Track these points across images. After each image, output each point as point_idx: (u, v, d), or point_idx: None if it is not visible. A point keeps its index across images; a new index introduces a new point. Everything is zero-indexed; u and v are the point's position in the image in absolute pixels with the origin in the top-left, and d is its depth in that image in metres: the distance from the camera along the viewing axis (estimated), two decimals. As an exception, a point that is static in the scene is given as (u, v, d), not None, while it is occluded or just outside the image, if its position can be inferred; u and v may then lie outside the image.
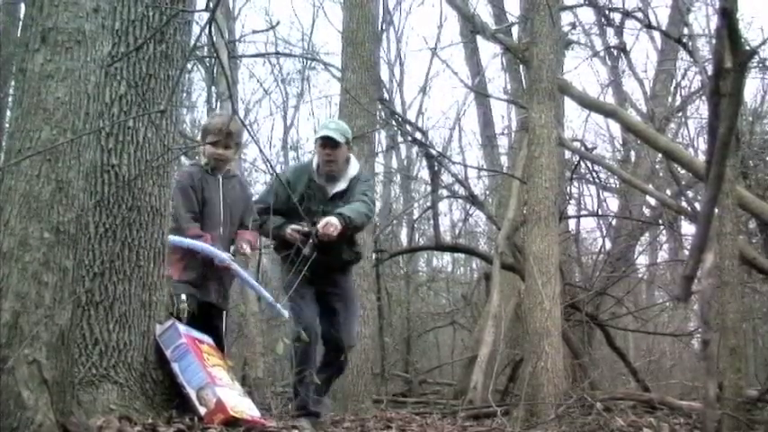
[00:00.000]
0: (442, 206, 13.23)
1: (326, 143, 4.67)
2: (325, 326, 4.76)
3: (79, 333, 3.29)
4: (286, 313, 4.69)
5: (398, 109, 13.32)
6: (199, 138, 4.39)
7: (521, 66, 10.14)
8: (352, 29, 7.51)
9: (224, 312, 4.61)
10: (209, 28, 2.80)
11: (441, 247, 10.70)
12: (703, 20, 11.57)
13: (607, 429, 4.47)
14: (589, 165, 9.76)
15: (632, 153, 11.80)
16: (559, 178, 7.31)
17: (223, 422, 3.36)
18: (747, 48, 1.44)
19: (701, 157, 7.40)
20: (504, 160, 12.74)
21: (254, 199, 4.90)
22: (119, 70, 3.62)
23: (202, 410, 3.40)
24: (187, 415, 3.50)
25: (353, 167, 4.85)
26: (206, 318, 4.34)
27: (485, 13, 13.35)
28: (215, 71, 10.91)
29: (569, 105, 10.45)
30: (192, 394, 3.48)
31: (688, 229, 10.58)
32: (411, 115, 14.52)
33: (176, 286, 4.35)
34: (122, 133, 3.60)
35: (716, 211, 4.19)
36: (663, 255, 13.51)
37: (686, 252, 10.25)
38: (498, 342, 7.37)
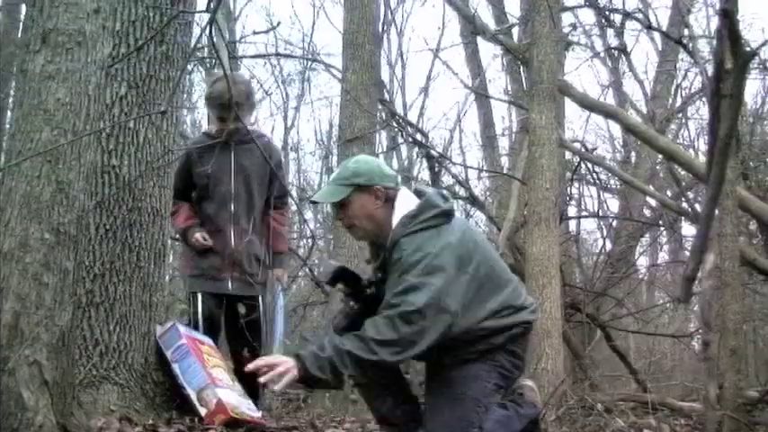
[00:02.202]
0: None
1: (334, 206, 3.07)
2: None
3: (80, 334, 3.30)
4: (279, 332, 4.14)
5: (399, 110, 13.32)
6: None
7: (521, 67, 10.13)
8: (353, 30, 7.51)
9: (257, 298, 4.19)
10: (210, 29, 2.81)
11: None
12: (704, 21, 11.58)
13: (607, 430, 4.47)
14: (589, 166, 9.75)
15: (633, 154, 11.79)
16: (560, 179, 7.30)
17: (223, 423, 3.36)
18: (748, 49, 1.44)
19: (702, 159, 7.39)
20: (504, 161, 12.74)
21: None
22: (119, 71, 3.63)
23: (203, 411, 3.41)
24: (187, 416, 3.50)
25: (393, 224, 2.90)
26: (227, 310, 4.19)
27: (485, 14, 13.33)
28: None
29: (570, 106, 10.43)
30: (193, 395, 3.48)
31: (688, 230, 10.59)
32: (412, 116, 14.53)
33: (190, 283, 4.19)
34: (123, 134, 3.61)
35: (716, 212, 4.19)
36: (663, 256, 13.52)
37: (687, 253, 10.25)
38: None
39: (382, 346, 2.66)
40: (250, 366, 2.72)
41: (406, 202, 2.94)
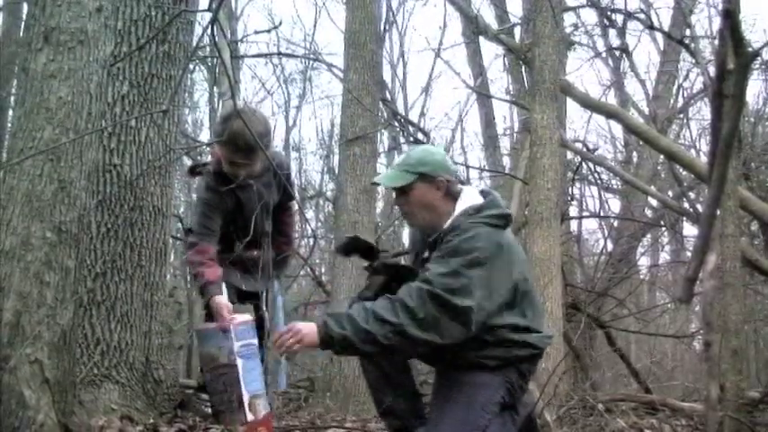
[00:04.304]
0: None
1: (395, 190, 3.07)
2: None
3: (81, 333, 3.30)
4: (283, 384, 4.01)
5: (401, 109, 13.32)
6: (201, 138, 3.87)
7: (523, 67, 10.13)
8: (355, 29, 7.51)
9: (261, 293, 4.02)
10: (212, 28, 2.80)
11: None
12: (706, 21, 11.59)
13: (608, 431, 4.47)
14: (591, 166, 9.76)
15: (634, 154, 11.80)
16: (561, 179, 7.30)
17: None
18: (750, 49, 1.44)
19: (703, 159, 7.39)
20: (506, 161, 12.75)
21: None
22: (121, 70, 3.63)
23: (250, 417, 3.30)
24: (189, 414, 3.51)
25: (457, 212, 2.96)
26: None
27: (487, 14, 13.34)
28: (217, 71, 10.91)
29: (571, 106, 10.45)
30: (246, 398, 3.37)
31: (690, 230, 10.60)
32: (413, 116, 14.52)
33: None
34: (124, 133, 3.61)
35: (718, 212, 4.19)
36: (665, 256, 13.52)
37: (688, 253, 10.25)
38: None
39: (407, 313, 2.68)
40: (275, 337, 2.80)
41: (471, 197, 2.98)
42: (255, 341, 3.39)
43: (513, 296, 2.86)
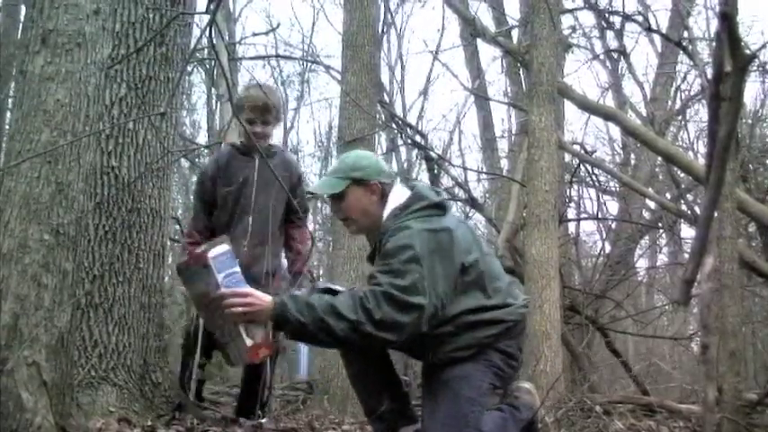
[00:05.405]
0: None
1: (331, 198, 3.10)
2: None
3: (79, 335, 3.30)
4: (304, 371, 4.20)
5: (399, 111, 13.33)
6: (199, 140, 4.02)
7: (521, 69, 10.15)
8: (353, 32, 7.51)
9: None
10: (210, 30, 2.80)
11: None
12: (703, 23, 11.60)
13: (606, 433, 4.47)
14: (589, 168, 9.75)
15: (632, 156, 11.80)
16: (559, 181, 7.31)
17: (266, 357, 3.21)
18: (747, 51, 1.44)
19: (701, 161, 7.39)
20: (503, 163, 12.75)
21: None
22: (119, 72, 3.63)
23: (249, 342, 3.23)
24: (187, 416, 3.50)
25: (385, 216, 2.97)
26: None
27: (485, 17, 13.35)
28: (215, 73, 10.92)
29: (569, 108, 10.45)
30: (241, 324, 3.30)
31: (688, 232, 10.59)
32: (411, 118, 14.54)
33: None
34: (122, 135, 3.61)
35: (715, 214, 4.19)
36: (662, 258, 13.52)
37: (686, 255, 10.26)
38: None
39: (365, 312, 2.67)
40: (228, 296, 2.79)
41: (397, 196, 2.98)
42: (238, 269, 3.30)
43: (465, 279, 2.83)
